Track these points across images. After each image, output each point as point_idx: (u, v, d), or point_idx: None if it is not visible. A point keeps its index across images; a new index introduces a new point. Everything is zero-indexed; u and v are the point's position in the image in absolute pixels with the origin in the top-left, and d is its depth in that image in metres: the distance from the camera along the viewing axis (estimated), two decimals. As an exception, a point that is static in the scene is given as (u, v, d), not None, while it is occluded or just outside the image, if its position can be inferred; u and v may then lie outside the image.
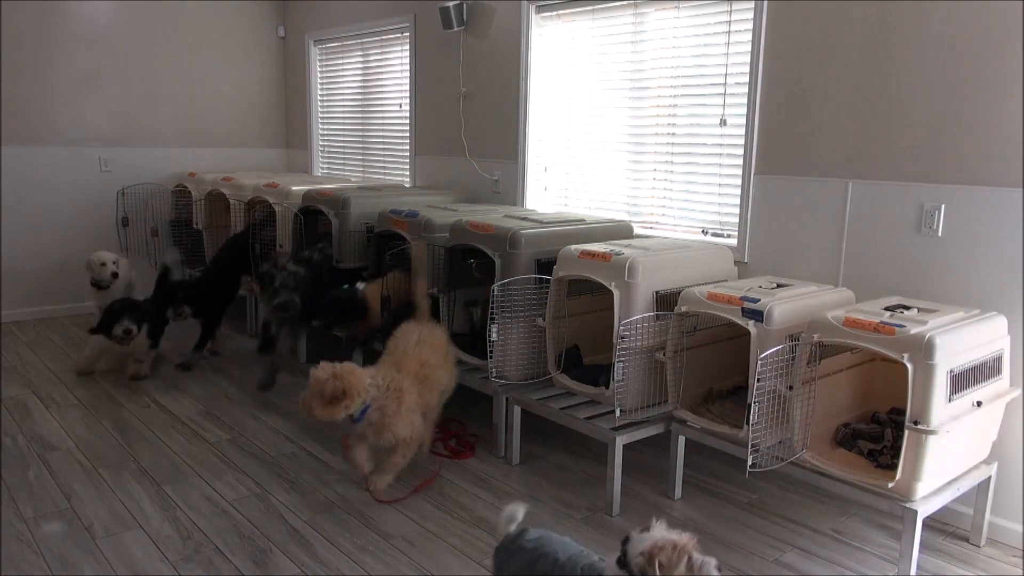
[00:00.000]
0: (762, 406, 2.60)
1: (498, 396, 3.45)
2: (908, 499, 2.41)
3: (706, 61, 3.67)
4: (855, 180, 3.11)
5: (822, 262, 3.24)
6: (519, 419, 3.39)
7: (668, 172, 3.93)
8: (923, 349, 2.31)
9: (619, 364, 2.96)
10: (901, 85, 2.95)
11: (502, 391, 3.41)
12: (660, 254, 3.18)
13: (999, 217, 2.75)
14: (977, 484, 2.71)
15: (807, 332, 2.59)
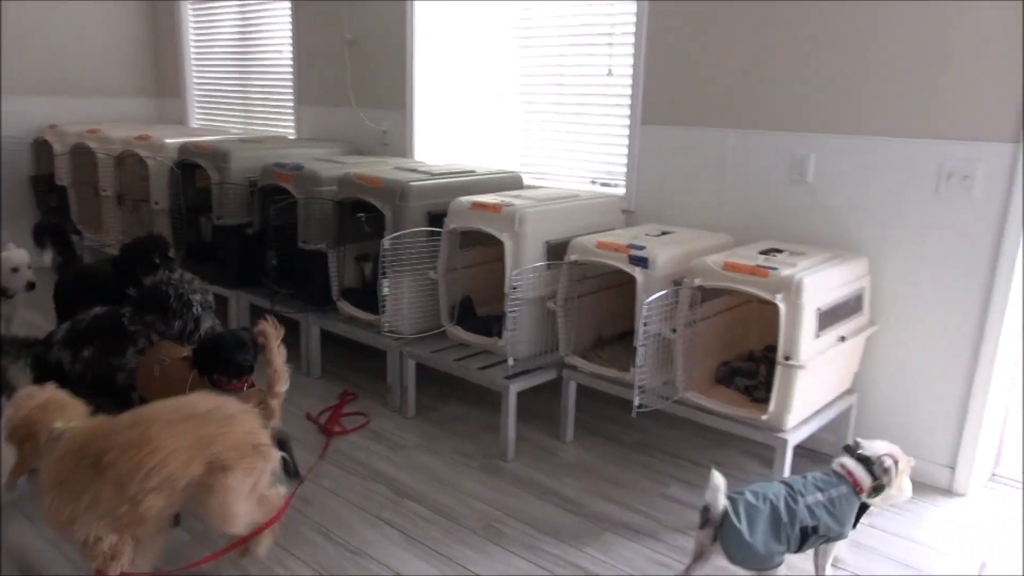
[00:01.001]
0: (648, 349, 2.70)
1: (392, 351, 3.43)
2: (780, 429, 2.59)
3: (593, 10, 3.69)
4: (734, 130, 3.23)
5: (704, 209, 3.37)
6: (413, 372, 3.39)
7: (557, 123, 3.96)
8: (793, 290, 2.46)
9: (511, 314, 3.00)
10: (776, 40, 3.07)
11: (396, 345, 3.40)
12: (550, 204, 3.21)
13: (863, 164, 2.92)
14: (841, 412, 2.93)
15: (689, 277, 2.70)
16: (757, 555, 2.04)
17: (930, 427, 2.91)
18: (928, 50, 2.73)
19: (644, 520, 2.68)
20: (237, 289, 4.16)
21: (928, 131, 2.77)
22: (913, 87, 2.78)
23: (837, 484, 2.16)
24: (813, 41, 2.97)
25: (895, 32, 2.78)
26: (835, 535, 2.15)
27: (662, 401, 2.79)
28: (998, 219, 2.66)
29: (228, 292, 4.17)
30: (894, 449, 2.21)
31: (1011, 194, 2.62)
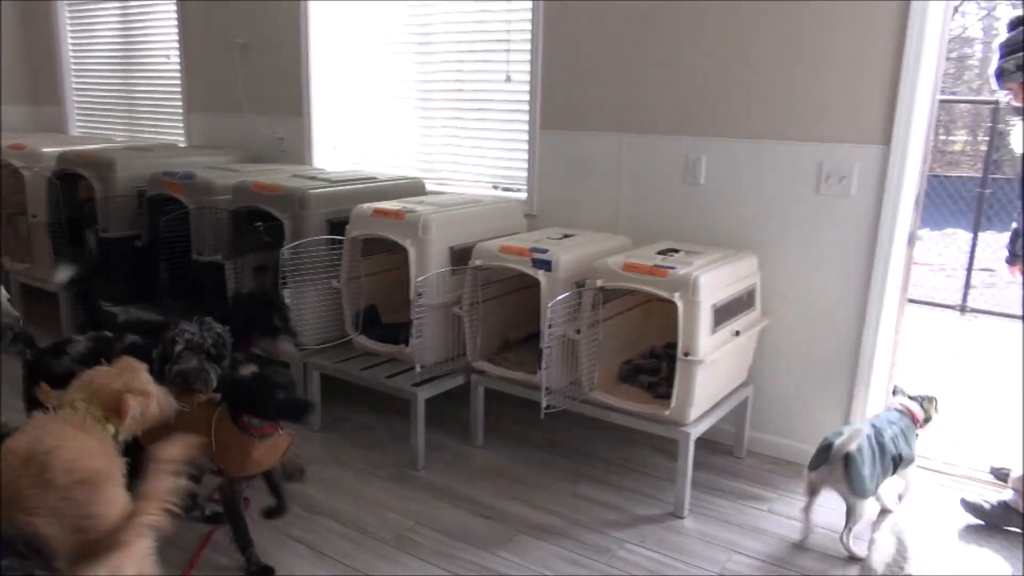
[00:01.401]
0: (553, 351, 2.75)
1: (295, 362, 3.35)
2: (682, 423, 2.68)
3: (489, 18, 3.71)
4: (629, 134, 3.33)
5: (603, 212, 3.45)
6: (318, 384, 3.32)
7: (458, 129, 3.96)
8: (690, 288, 2.55)
9: (417, 321, 2.99)
10: (664, 46, 3.17)
11: (299, 357, 3.32)
12: (453, 210, 3.22)
13: (751, 166, 3.06)
14: (738, 404, 3.06)
15: (591, 278, 2.75)
16: (870, 485, 2.49)
17: (820, 413, 3.08)
18: (807, 59, 2.88)
19: (557, 520, 2.72)
20: (127, 304, 3.96)
21: (808, 134, 2.92)
22: (794, 93, 2.93)
23: (902, 419, 2.68)
24: (700, 48, 3.09)
25: (777, 41, 2.93)
26: (909, 460, 2.65)
27: (569, 401, 2.84)
28: (873, 215, 2.84)
29: (117, 308, 3.97)
30: (929, 390, 2.82)
31: (882, 192, 2.80)
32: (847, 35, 2.79)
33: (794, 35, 2.89)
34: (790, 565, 2.48)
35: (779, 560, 2.50)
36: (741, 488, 2.95)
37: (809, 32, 2.86)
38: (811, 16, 2.84)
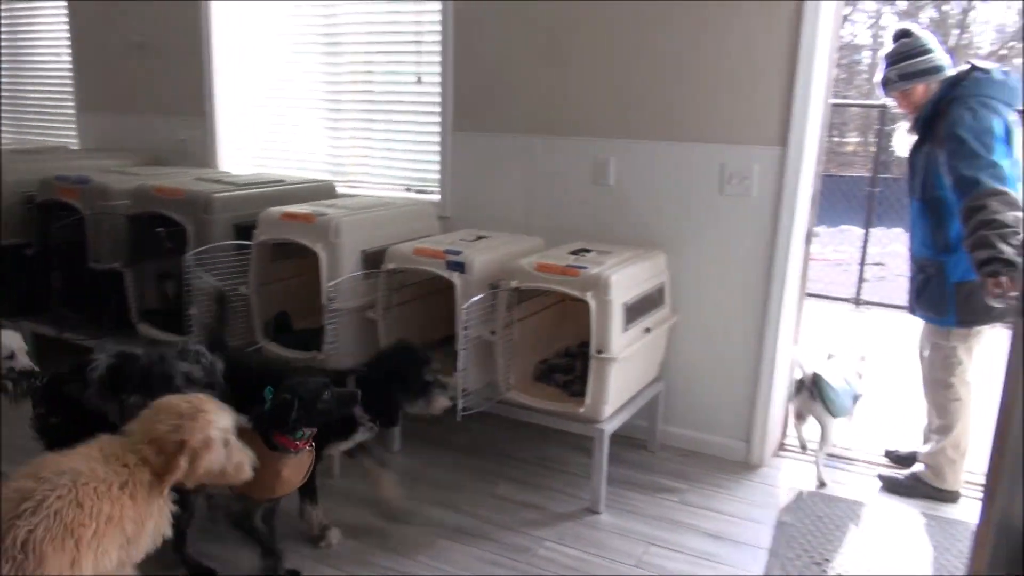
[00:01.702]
0: (469, 352, 2.75)
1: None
2: (597, 420, 2.72)
3: (400, 18, 3.69)
4: (540, 136, 3.36)
5: (516, 213, 3.47)
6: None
7: (368, 130, 3.91)
8: (601, 287, 2.60)
9: (330, 326, 2.94)
10: (575, 50, 3.22)
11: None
12: (364, 213, 3.18)
13: (658, 167, 3.15)
14: (650, 400, 3.14)
15: (505, 279, 2.77)
16: (840, 405, 2.93)
17: (728, 406, 3.19)
18: (710, 63, 2.98)
19: (476, 522, 2.72)
20: (18, 318, 3.73)
21: (712, 136, 3.03)
22: (698, 96, 3.03)
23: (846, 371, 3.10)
24: (608, 51, 3.16)
25: (682, 46, 3.02)
26: (859, 398, 3.09)
27: (486, 402, 2.84)
28: (772, 214, 2.96)
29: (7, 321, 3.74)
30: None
31: (781, 191, 2.93)
32: (746, 41, 2.90)
33: (697, 41, 2.99)
34: (703, 554, 2.56)
35: (692, 550, 2.58)
36: (655, 481, 3.02)
37: (711, 38, 2.96)
38: (712, 23, 2.94)
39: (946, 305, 2.70)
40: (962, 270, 2.58)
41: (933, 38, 2.74)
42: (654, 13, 3.03)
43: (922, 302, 2.81)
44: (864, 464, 3.19)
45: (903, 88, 2.74)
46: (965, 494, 2.88)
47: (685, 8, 2.97)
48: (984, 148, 2.44)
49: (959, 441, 2.82)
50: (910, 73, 2.70)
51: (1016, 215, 2.36)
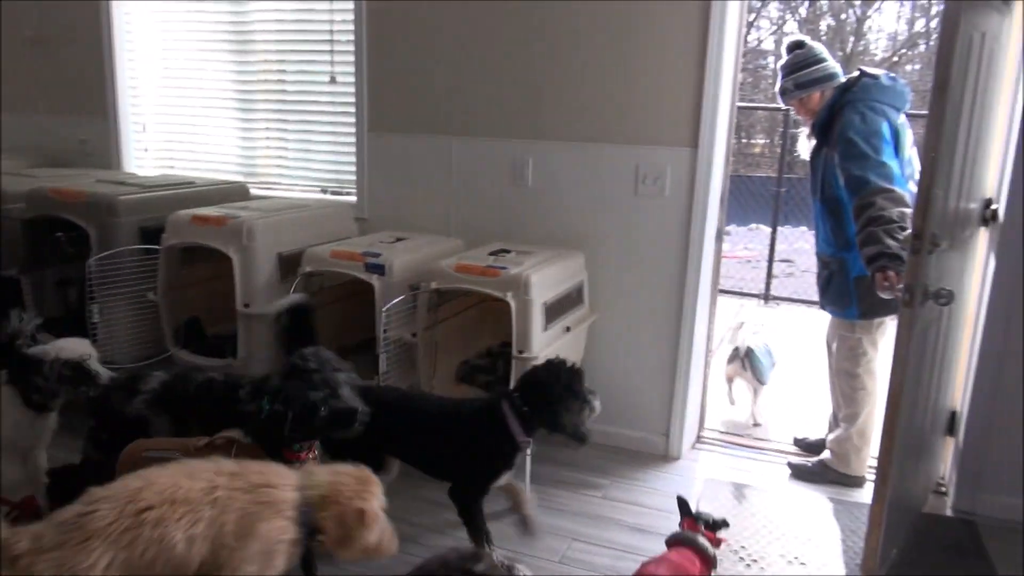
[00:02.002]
0: (390, 355, 2.72)
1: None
2: (519, 419, 2.74)
3: (312, 17, 3.62)
4: (458, 137, 3.36)
5: (435, 214, 3.46)
6: (137, 404, 3.09)
7: (282, 131, 3.83)
8: (521, 287, 2.62)
9: (243, 332, 2.86)
10: (491, 51, 3.23)
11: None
12: (279, 215, 3.11)
13: (575, 168, 3.19)
14: (572, 397, 3.17)
15: (425, 281, 2.76)
16: (766, 375, 3.54)
17: (647, 401, 3.26)
18: (623, 66, 3.04)
19: (400, 525, 2.67)
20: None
21: (626, 138, 3.09)
22: (612, 98, 3.09)
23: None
24: (524, 53, 3.18)
25: (596, 49, 3.07)
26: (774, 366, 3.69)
27: (408, 405, 2.82)
28: (685, 213, 3.05)
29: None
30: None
31: (693, 191, 3.02)
32: (658, 45, 2.98)
33: (611, 44, 3.04)
34: (626, 547, 2.61)
35: (616, 543, 2.62)
36: (578, 478, 3.06)
37: (624, 41, 3.02)
38: (626, 26, 3.01)
39: (849, 299, 2.83)
40: (861, 265, 2.72)
41: (824, 48, 2.89)
42: (568, 15, 3.08)
43: (828, 297, 2.94)
44: (775, 453, 3.32)
45: (799, 96, 2.89)
46: (870, 479, 3.03)
47: (598, 11, 3.03)
48: (873, 149, 2.58)
49: (864, 429, 2.96)
50: (805, 82, 2.85)
51: (902, 211, 2.50)
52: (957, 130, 2.20)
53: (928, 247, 2.11)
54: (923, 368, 2.42)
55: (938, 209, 2.16)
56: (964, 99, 2.22)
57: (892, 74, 2.79)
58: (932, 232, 2.12)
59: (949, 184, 2.27)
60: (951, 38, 2.00)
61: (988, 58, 2.42)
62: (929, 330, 2.38)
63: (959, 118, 2.18)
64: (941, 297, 2.20)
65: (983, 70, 2.35)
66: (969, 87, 2.25)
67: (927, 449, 2.78)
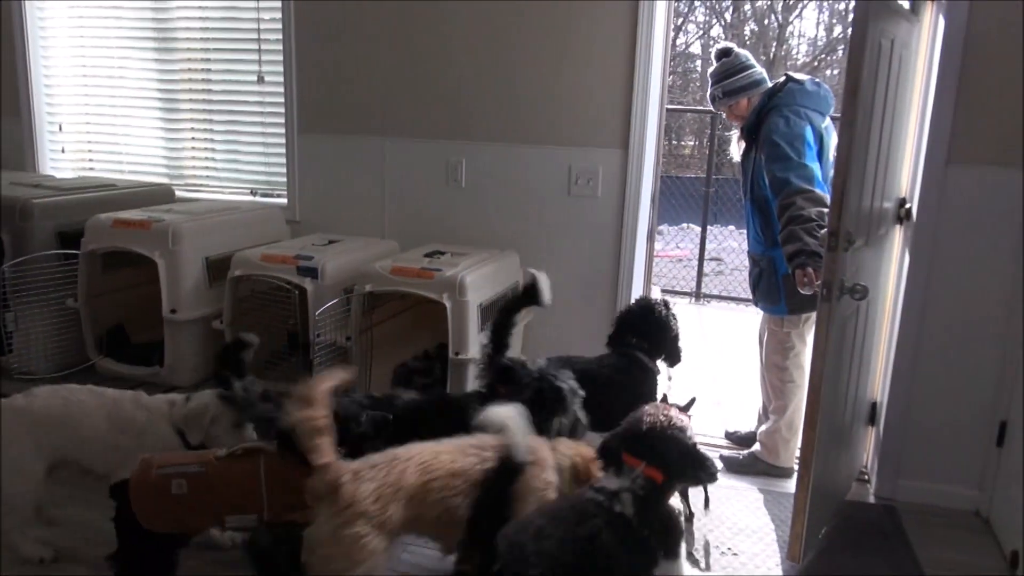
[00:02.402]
0: (324, 360, 2.68)
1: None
2: (457, 421, 2.73)
3: (238, 15, 3.54)
4: (391, 138, 3.33)
5: (369, 216, 3.42)
6: (58, 416, 2.96)
7: (208, 131, 3.73)
8: (457, 289, 2.62)
9: (170, 339, 2.77)
10: (424, 53, 3.22)
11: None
12: (207, 218, 3.03)
13: (509, 169, 3.21)
14: (509, 397, 3.19)
15: (359, 284, 2.73)
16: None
17: (582, 399, 3.29)
18: (556, 69, 3.08)
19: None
20: None
21: (559, 139, 3.12)
22: (546, 100, 3.12)
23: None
24: (458, 55, 3.18)
25: (530, 51, 3.09)
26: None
27: (343, 410, 2.78)
28: (617, 213, 3.09)
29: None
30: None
31: (625, 191, 3.07)
32: (588, 48, 3.02)
33: (543, 46, 3.07)
34: (563, 544, 2.62)
35: (553, 541, 2.64)
36: (516, 477, 3.07)
37: (556, 44, 3.05)
38: (557, 29, 3.04)
39: (778, 295, 2.92)
40: (788, 264, 2.81)
41: (750, 55, 2.99)
42: (501, 17, 3.09)
43: (758, 293, 3.04)
44: (706, 447, 3.40)
45: (728, 103, 2.98)
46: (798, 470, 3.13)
47: (530, 13, 3.05)
48: (795, 152, 2.69)
49: (793, 421, 3.06)
50: (732, 90, 2.94)
51: (820, 211, 2.60)
52: (869, 132, 2.29)
53: (844, 244, 2.20)
54: (843, 361, 2.52)
55: (853, 208, 2.26)
56: (876, 102, 2.32)
57: (817, 80, 2.89)
58: (847, 230, 2.21)
59: (863, 184, 2.37)
60: (861, 45, 2.09)
61: (899, 63, 2.54)
62: (848, 324, 2.48)
63: (871, 120, 2.27)
64: (857, 292, 2.29)
65: (894, 75, 2.47)
66: (880, 91, 2.36)
67: (850, 439, 2.90)
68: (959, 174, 2.71)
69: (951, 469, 2.90)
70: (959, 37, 2.62)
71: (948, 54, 2.64)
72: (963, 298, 2.78)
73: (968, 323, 2.79)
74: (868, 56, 2.10)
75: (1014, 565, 2.50)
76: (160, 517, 1.83)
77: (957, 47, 2.63)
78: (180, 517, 1.85)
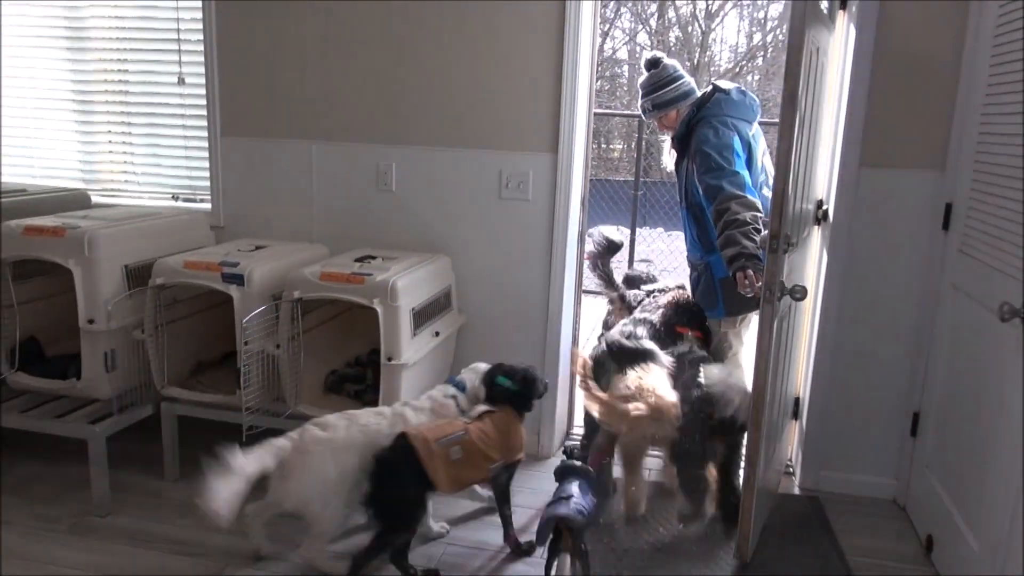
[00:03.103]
0: (252, 368, 2.62)
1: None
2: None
3: (156, 14, 3.43)
4: (319, 142, 3.28)
5: (297, 221, 3.36)
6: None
7: (127, 134, 3.60)
8: (388, 293, 2.59)
9: (86, 351, 2.66)
10: (350, 57, 3.18)
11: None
12: (126, 224, 2.92)
13: (440, 173, 3.19)
14: (443, 402, 3.17)
15: (288, 290, 2.67)
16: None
17: (516, 402, 3.30)
18: (484, 71, 3.08)
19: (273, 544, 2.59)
20: None
21: (489, 143, 3.13)
22: (475, 103, 3.12)
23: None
24: (387, 57, 3.16)
25: (460, 54, 3.09)
26: None
27: (273, 419, 2.73)
28: (548, 216, 3.12)
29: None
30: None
31: (555, 194, 3.09)
32: (517, 52, 3.03)
33: (472, 49, 3.07)
34: (499, 547, 2.63)
35: (492, 545, 2.64)
36: (451, 482, 3.06)
37: (485, 47, 3.06)
38: (486, 32, 3.04)
39: (715, 298, 3.00)
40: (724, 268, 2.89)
41: (679, 65, 3.06)
42: (429, 18, 3.08)
43: (697, 296, 3.11)
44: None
45: (658, 115, 3.04)
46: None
47: (457, 15, 3.05)
48: (725, 161, 2.77)
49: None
50: (661, 103, 3.01)
51: (754, 215, 2.68)
52: (803, 137, 2.37)
53: (784, 247, 2.27)
54: (778, 359, 2.60)
55: (791, 211, 2.33)
56: (805, 109, 2.40)
57: (743, 88, 2.98)
58: (786, 233, 2.28)
59: (798, 188, 2.46)
60: (798, 53, 2.15)
61: (820, 71, 2.64)
62: (782, 323, 2.56)
63: (802, 125, 2.35)
64: (796, 292, 2.37)
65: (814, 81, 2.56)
66: (809, 98, 2.44)
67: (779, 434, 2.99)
68: (871, 176, 2.83)
69: (869, 460, 3.03)
70: (869, 46, 2.74)
71: (859, 62, 2.76)
72: (877, 295, 2.91)
73: (882, 319, 2.92)
74: (804, 64, 2.16)
75: (929, 548, 2.63)
76: (449, 480, 2.32)
77: (867, 56, 2.75)
78: (459, 476, 2.35)
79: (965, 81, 2.64)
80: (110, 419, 2.75)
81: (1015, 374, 2.05)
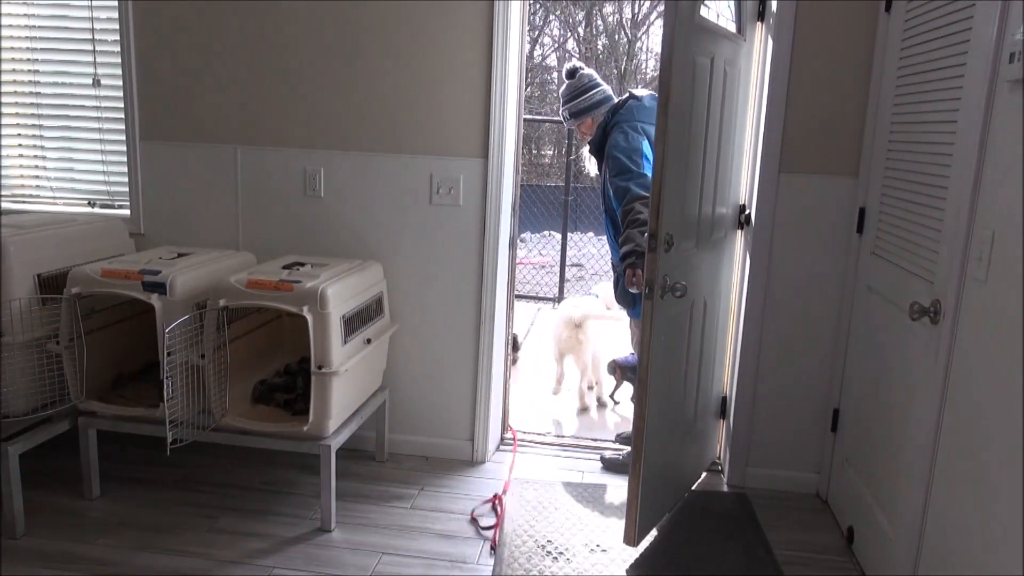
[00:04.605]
0: (176, 380, 2.54)
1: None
2: (322, 437, 2.66)
3: (70, 13, 3.29)
4: (244, 146, 3.21)
5: (222, 228, 3.28)
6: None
7: (38, 137, 3.44)
8: (318, 300, 2.55)
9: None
10: (277, 60, 3.12)
11: None
12: (37, 231, 2.79)
13: (369, 178, 3.16)
14: (376, 409, 3.14)
15: (213, 298, 2.60)
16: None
17: (452, 408, 3.30)
18: (413, 75, 3.07)
19: (195, 560, 2.52)
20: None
21: (419, 148, 3.12)
22: (406, 109, 3.10)
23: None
24: (315, 61, 3.11)
25: (389, 59, 3.07)
26: None
27: (199, 432, 2.65)
28: (479, 221, 3.13)
29: None
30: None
31: (486, 199, 3.10)
32: (445, 57, 3.03)
33: (400, 53, 3.05)
34: (436, 555, 2.62)
35: (426, 552, 2.63)
36: (385, 490, 3.03)
37: (413, 50, 3.04)
38: (414, 34, 3.03)
39: (634, 299, 3.06)
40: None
41: (595, 74, 3.18)
42: (356, 20, 3.05)
43: (618, 298, 3.18)
44: (582, 449, 3.50)
45: (575, 123, 3.17)
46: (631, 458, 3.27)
47: (385, 18, 3.03)
48: (634, 164, 2.88)
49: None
50: (577, 111, 3.16)
51: None
52: (687, 141, 2.46)
53: (664, 246, 2.36)
54: (677, 356, 2.67)
55: (676, 213, 2.42)
56: (696, 115, 2.49)
57: (655, 94, 3.06)
58: (668, 233, 2.37)
59: (692, 191, 2.55)
60: (668, 63, 2.28)
61: (727, 79, 2.73)
62: (680, 321, 2.64)
63: (685, 131, 2.44)
64: (676, 290, 2.45)
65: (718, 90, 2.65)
66: (702, 104, 2.53)
67: (699, 432, 3.06)
68: (791, 182, 2.94)
69: (794, 456, 3.13)
70: (786, 57, 2.85)
71: (776, 72, 2.86)
72: (798, 297, 3.02)
73: (803, 319, 3.03)
74: (676, 73, 2.28)
75: (850, 540, 2.73)
76: None
77: (783, 66, 2.85)
78: None
79: (875, 89, 2.77)
80: (24, 435, 2.62)
81: (924, 371, 2.15)
